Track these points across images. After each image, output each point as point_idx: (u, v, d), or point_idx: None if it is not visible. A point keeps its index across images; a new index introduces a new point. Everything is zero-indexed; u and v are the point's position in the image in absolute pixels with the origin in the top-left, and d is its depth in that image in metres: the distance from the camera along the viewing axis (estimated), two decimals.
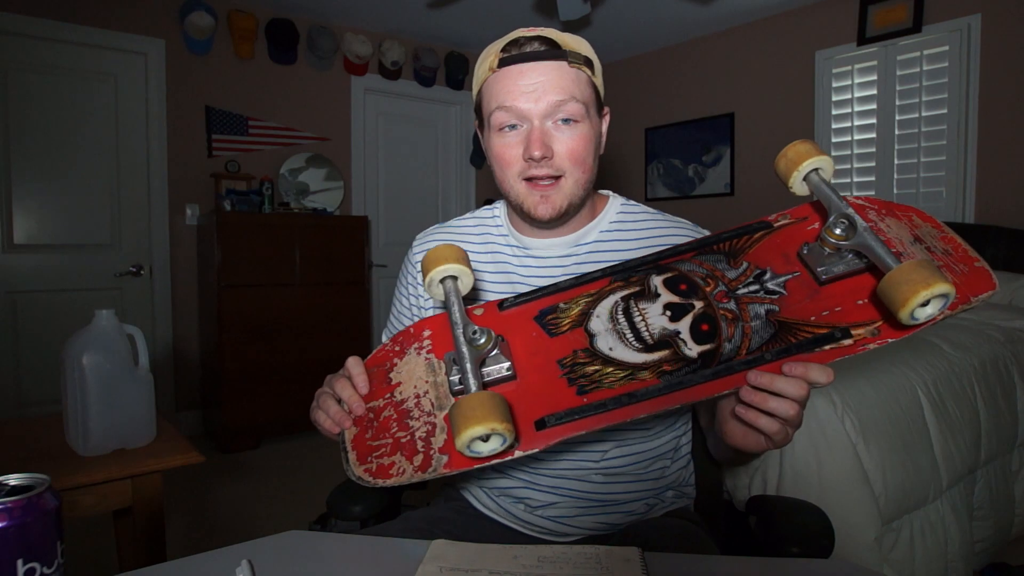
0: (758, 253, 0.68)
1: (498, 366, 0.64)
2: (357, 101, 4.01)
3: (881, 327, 0.59)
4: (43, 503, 0.46)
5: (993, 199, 2.96)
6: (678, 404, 0.60)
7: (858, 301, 0.61)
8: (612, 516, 0.86)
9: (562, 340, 0.67)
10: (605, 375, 0.63)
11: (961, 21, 3.02)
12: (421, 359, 0.69)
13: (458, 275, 0.66)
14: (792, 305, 0.63)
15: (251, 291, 3.22)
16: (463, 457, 0.59)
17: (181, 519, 2.37)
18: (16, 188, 3.02)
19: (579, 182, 0.82)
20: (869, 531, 1.45)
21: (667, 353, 0.63)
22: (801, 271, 0.65)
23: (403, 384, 0.68)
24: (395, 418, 0.65)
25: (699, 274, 0.68)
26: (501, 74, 0.80)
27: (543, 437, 0.60)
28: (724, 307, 0.65)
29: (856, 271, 0.62)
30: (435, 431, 0.63)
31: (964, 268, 0.62)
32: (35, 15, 3.01)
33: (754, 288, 0.65)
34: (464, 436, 0.53)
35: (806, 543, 0.82)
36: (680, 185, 4.24)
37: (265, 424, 3.26)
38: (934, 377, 1.77)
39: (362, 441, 0.65)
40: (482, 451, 0.56)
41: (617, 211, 0.92)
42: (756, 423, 0.63)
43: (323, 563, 0.64)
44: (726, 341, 0.62)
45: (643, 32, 4.05)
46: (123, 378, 1.17)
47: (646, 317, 0.66)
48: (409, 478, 0.60)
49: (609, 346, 0.65)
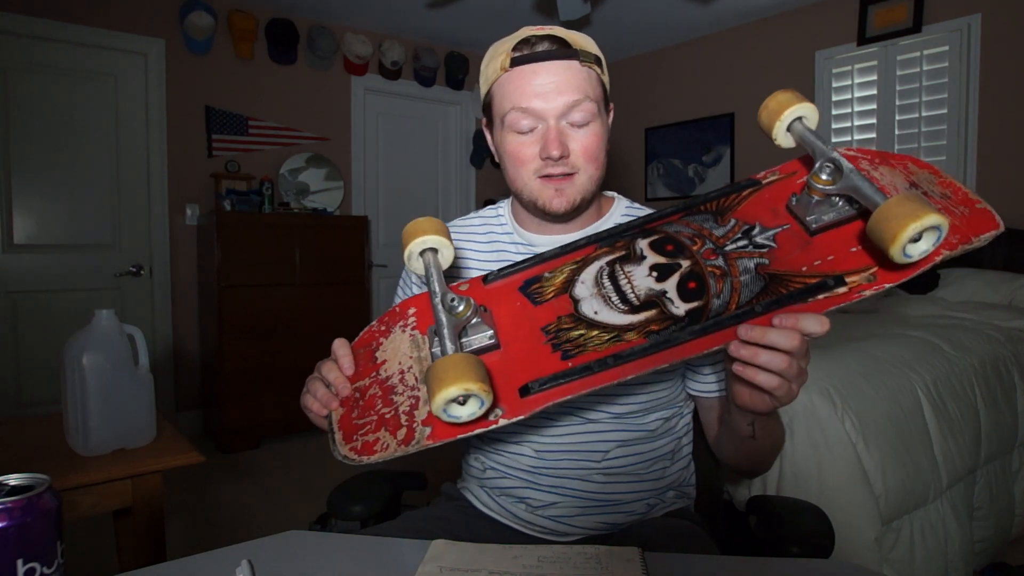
0: (746, 210, 0.67)
1: (480, 335, 0.63)
2: (357, 101, 4.01)
3: (877, 272, 0.57)
4: (43, 503, 0.46)
5: (993, 199, 2.94)
6: (667, 363, 0.58)
7: (851, 249, 0.59)
8: (613, 516, 0.86)
9: (546, 307, 0.66)
10: (590, 339, 0.61)
11: (961, 21, 3.02)
12: (406, 336, 0.69)
13: (437, 247, 0.65)
14: (783, 258, 0.61)
15: (251, 291, 3.22)
16: (445, 427, 0.57)
17: (181, 519, 2.37)
18: (16, 188, 3.02)
19: (592, 178, 0.83)
20: (869, 531, 1.45)
21: (654, 313, 0.61)
22: (791, 223, 0.63)
23: (388, 361, 0.67)
24: (380, 395, 0.64)
25: (686, 234, 0.67)
26: (513, 74, 0.80)
27: (528, 404, 0.58)
28: (712, 264, 0.63)
29: (847, 218, 0.60)
30: (419, 404, 0.61)
31: (964, 210, 0.59)
32: (35, 15, 3.01)
33: (742, 243, 0.64)
34: (438, 398, 0.51)
35: (806, 543, 0.82)
36: (680, 185, 4.24)
37: (265, 424, 3.26)
38: (934, 377, 1.77)
39: (348, 421, 0.64)
40: (460, 415, 0.54)
41: (622, 213, 0.93)
42: (753, 379, 0.60)
43: (323, 563, 0.64)
44: (714, 297, 0.60)
45: (643, 32, 4.05)
46: (123, 378, 1.17)
47: (631, 279, 0.64)
48: (392, 452, 0.59)
49: (594, 310, 0.63)
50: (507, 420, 0.57)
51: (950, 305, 2.41)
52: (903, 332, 2.05)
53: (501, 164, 0.87)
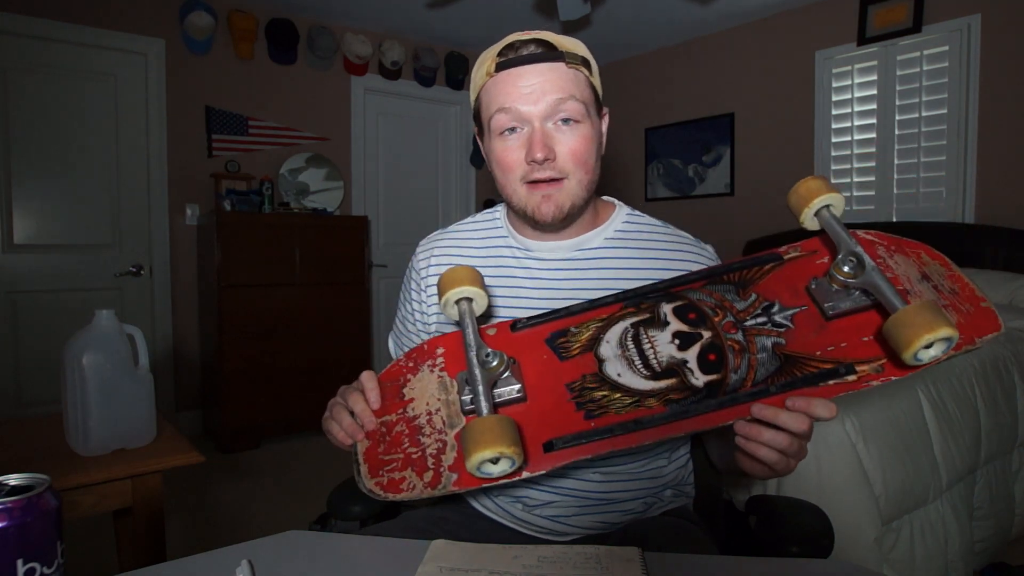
0: (767, 285, 0.70)
1: (509, 388, 0.66)
2: (357, 101, 4.01)
3: (885, 364, 0.60)
4: (43, 503, 0.46)
5: (993, 199, 2.96)
6: (682, 432, 0.62)
7: (863, 338, 0.62)
8: (610, 515, 0.87)
9: (572, 364, 0.68)
10: (613, 401, 0.64)
11: (961, 21, 3.02)
12: (434, 377, 0.71)
13: (473, 297, 0.68)
14: (799, 339, 0.65)
15: (251, 291, 3.22)
16: (472, 476, 0.60)
17: (181, 519, 2.37)
18: (16, 188, 3.02)
19: (582, 183, 0.81)
20: (869, 531, 1.45)
21: (674, 382, 0.64)
22: (808, 305, 0.67)
23: (416, 400, 0.69)
24: (407, 433, 0.67)
25: (708, 304, 0.70)
26: (499, 78, 0.80)
27: (551, 459, 0.62)
28: (731, 338, 0.66)
29: (862, 308, 0.63)
30: (446, 449, 0.64)
31: (970, 308, 0.64)
32: (35, 15, 3.01)
33: (762, 320, 0.67)
34: (475, 459, 0.55)
35: (806, 543, 0.82)
36: (680, 185, 4.24)
37: (265, 424, 3.26)
38: (934, 377, 1.77)
39: (374, 455, 0.67)
40: (492, 472, 0.57)
41: (623, 220, 0.92)
42: (756, 454, 0.64)
43: (323, 563, 0.64)
44: (732, 372, 0.64)
45: (643, 32, 4.05)
46: (123, 378, 1.17)
47: (655, 344, 0.68)
48: (419, 494, 0.62)
49: (618, 372, 0.66)
50: (529, 474, 0.61)
51: None
52: None
53: (492, 174, 0.86)
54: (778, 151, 3.72)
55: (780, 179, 3.72)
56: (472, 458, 0.55)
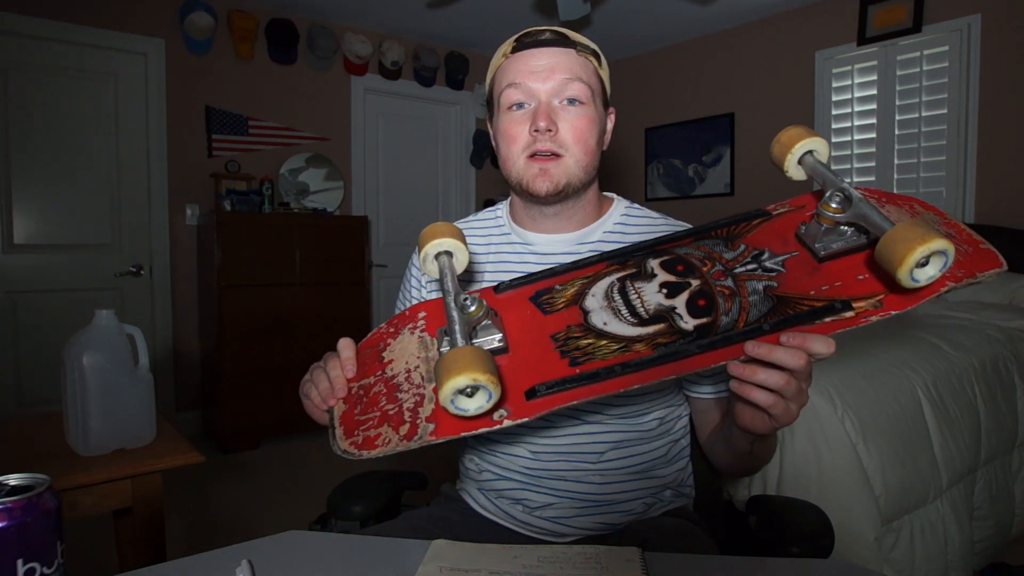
0: (756, 237, 0.68)
1: (489, 337, 0.64)
2: (357, 101, 4.01)
3: (883, 300, 0.58)
4: (43, 503, 0.46)
5: (993, 199, 2.96)
6: (673, 375, 0.58)
7: (859, 276, 0.60)
8: (610, 516, 0.86)
9: (556, 316, 0.66)
10: (599, 347, 0.62)
11: (961, 21, 3.02)
12: (414, 337, 0.69)
13: (453, 251, 0.66)
14: (791, 281, 0.62)
15: (251, 291, 3.22)
16: (450, 423, 0.57)
17: (181, 519, 2.37)
18: (16, 188, 3.02)
19: (580, 163, 0.83)
20: (869, 531, 1.45)
21: (663, 327, 0.62)
22: (799, 251, 0.65)
23: (395, 361, 0.68)
24: (384, 392, 0.65)
25: (696, 256, 0.68)
26: (513, 58, 0.85)
27: (534, 407, 0.58)
28: (721, 284, 0.64)
29: (855, 247, 0.61)
30: (423, 401, 0.61)
31: (968, 248, 0.61)
32: (35, 15, 3.01)
33: (752, 267, 0.65)
34: (446, 387, 0.52)
35: (806, 543, 0.82)
36: (680, 185, 4.24)
37: (265, 424, 3.26)
38: (934, 377, 1.77)
39: (351, 417, 0.64)
40: (467, 409, 0.54)
41: (622, 213, 0.93)
42: (750, 397, 0.61)
43: (323, 563, 0.64)
44: (723, 315, 0.61)
45: (643, 32, 4.05)
46: (123, 378, 1.17)
47: (641, 295, 0.65)
48: (394, 447, 0.59)
49: (604, 321, 0.64)
50: (512, 422, 0.58)
51: (950, 305, 2.41)
52: (903, 332, 2.05)
53: (497, 151, 0.88)
54: None
55: (780, 179, 3.70)
56: (444, 387, 0.51)
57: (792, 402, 0.62)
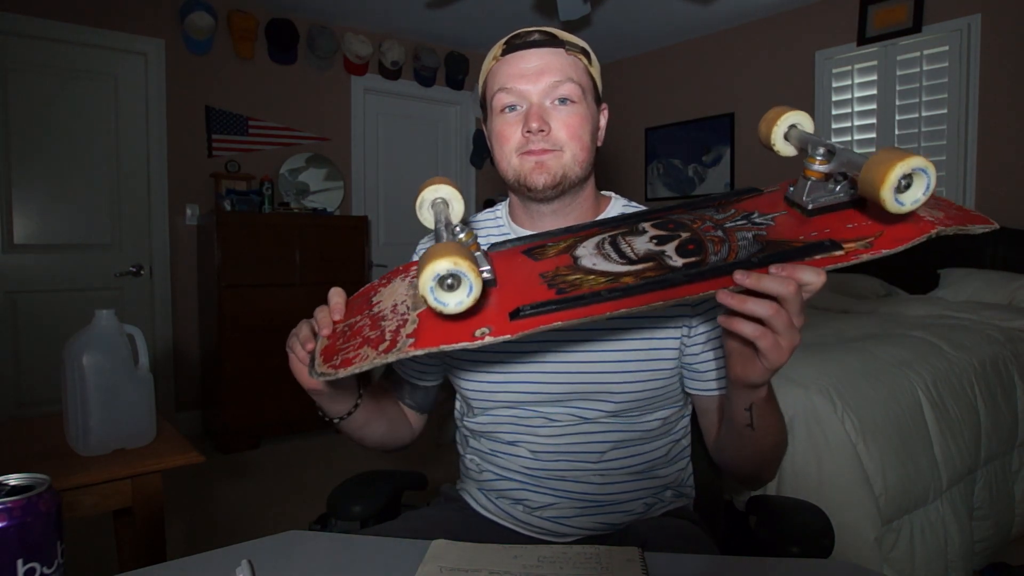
0: (745, 205, 0.70)
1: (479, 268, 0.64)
2: (357, 101, 4.01)
3: (874, 241, 0.58)
4: (43, 503, 0.46)
5: (993, 199, 2.96)
6: (661, 301, 0.57)
7: (848, 224, 0.61)
8: (611, 516, 0.87)
9: (546, 262, 0.68)
10: (587, 280, 0.62)
11: (961, 21, 3.02)
12: (405, 283, 0.70)
13: (449, 199, 0.67)
14: (780, 231, 0.63)
15: (251, 291, 3.22)
16: (430, 335, 0.57)
17: (181, 519, 2.37)
18: (16, 188, 3.02)
19: (576, 158, 0.84)
20: (869, 531, 1.45)
21: (651, 264, 0.62)
22: (789, 210, 0.66)
23: (383, 301, 0.68)
24: (368, 324, 0.65)
25: (687, 218, 0.70)
26: (503, 60, 0.85)
27: (517, 326, 0.57)
28: (711, 234, 0.65)
29: (843, 203, 0.62)
30: (406, 324, 0.61)
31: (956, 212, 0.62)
32: (35, 15, 3.01)
33: (742, 222, 0.66)
34: (427, 272, 0.52)
35: (806, 543, 0.82)
36: (680, 185, 4.23)
37: (265, 424, 3.26)
38: (934, 377, 1.77)
39: (332, 348, 0.65)
40: (447, 303, 0.53)
41: (619, 211, 0.93)
42: (739, 330, 0.59)
43: (323, 563, 0.64)
44: (712, 255, 0.62)
45: (643, 32, 4.05)
46: (123, 378, 1.17)
47: (632, 244, 0.67)
48: (372, 361, 0.58)
49: (593, 263, 0.65)
50: (493, 339, 0.56)
51: (950, 305, 2.41)
52: (903, 332, 2.05)
53: (491, 153, 0.89)
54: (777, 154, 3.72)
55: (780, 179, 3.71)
56: (424, 272, 0.51)
57: (782, 338, 0.59)
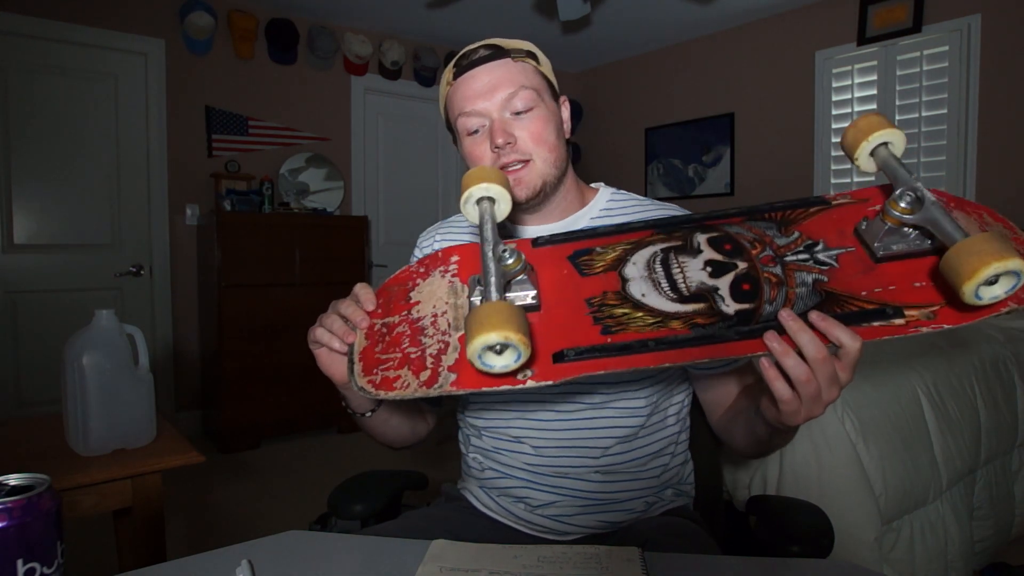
0: (811, 226, 0.64)
1: (523, 293, 0.62)
2: (357, 101, 4.01)
3: (938, 311, 0.55)
4: (43, 503, 0.46)
5: (993, 199, 2.96)
6: (706, 358, 0.56)
7: (915, 283, 0.57)
8: (612, 515, 0.87)
9: (593, 280, 0.64)
10: (634, 319, 0.59)
11: (961, 21, 3.02)
12: (445, 282, 0.67)
13: (497, 198, 0.63)
14: (843, 278, 0.59)
15: (251, 291, 3.22)
16: (472, 375, 0.56)
17: (181, 519, 2.37)
18: (16, 188, 3.02)
19: (548, 161, 0.86)
20: (869, 531, 1.45)
21: (702, 306, 0.59)
22: (856, 247, 0.61)
23: (422, 303, 0.66)
24: (408, 334, 0.63)
25: (746, 237, 0.65)
26: (456, 85, 0.87)
27: (561, 371, 0.56)
28: (769, 270, 0.61)
29: (917, 252, 0.58)
30: (447, 349, 0.60)
31: None
32: (35, 15, 3.01)
33: (803, 257, 0.62)
34: (476, 342, 0.50)
35: (806, 543, 0.82)
36: (680, 185, 4.24)
37: (265, 424, 3.26)
38: (934, 377, 1.77)
39: (371, 354, 0.63)
40: (494, 366, 0.52)
41: (607, 199, 0.96)
42: (772, 385, 0.59)
43: (323, 563, 0.64)
44: (767, 303, 0.58)
45: (643, 32, 4.05)
46: (123, 378, 1.17)
47: (684, 270, 0.63)
48: (413, 392, 0.57)
49: (642, 292, 0.62)
50: (535, 383, 0.56)
51: None
52: None
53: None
54: (778, 151, 3.72)
55: (780, 179, 3.72)
56: (475, 341, 0.50)
57: (805, 406, 0.60)
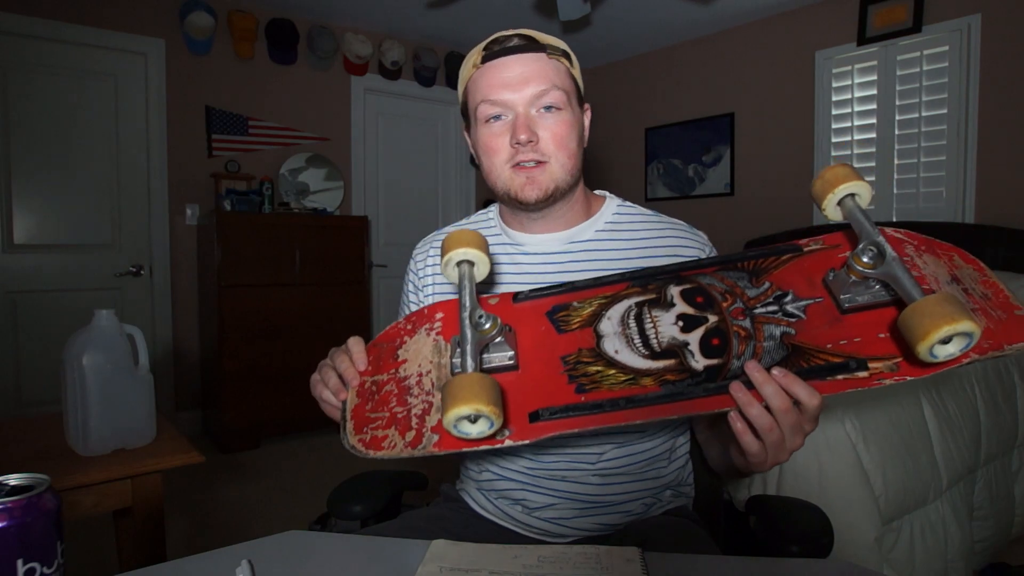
0: (783, 275, 0.67)
1: (501, 354, 0.65)
2: (357, 101, 4.01)
3: (900, 363, 0.57)
4: (43, 503, 0.46)
5: (993, 199, 2.96)
6: (676, 415, 0.59)
7: (880, 334, 0.59)
8: (610, 517, 0.87)
9: (569, 337, 0.67)
10: (607, 376, 0.63)
11: (961, 21, 3.02)
12: (430, 339, 0.70)
13: (475, 261, 0.67)
14: (810, 330, 0.62)
15: (251, 291, 3.22)
16: (453, 439, 0.59)
17: (181, 519, 2.37)
18: (16, 188, 3.02)
19: (564, 167, 0.83)
20: (869, 531, 1.45)
21: (672, 362, 0.62)
22: (824, 297, 0.64)
23: (409, 362, 0.69)
24: (395, 393, 0.66)
25: (718, 288, 0.68)
26: (484, 69, 0.83)
27: (536, 430, 0.60)
28: (738, 324, 0.64)
29: (881, 303, 0.60)
30: (431, 410, 0.63)
31: (1002, 315, 0.59)
32: (35, 15, 3.01)
33: (772, 309, 0.64)
34: (450, 414, 0.53)
35: (806, 543, 0.82)
36: (680, 185, 4.24)
37: (265, 424, 3.26)
38: (934, 377, 1.77)
39: (361, 412, 0.66)
40: (470, 432, 0.56)
41: (613, 212, 0.92)
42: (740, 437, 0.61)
43: (323, 563, 0.64)
44: (735, 358, 0.61)
45: (643, 32, 4.05)
46: (123, 378, 1.17)
47: (657, 325, 0.66)
48: (399, 453, 0.60)
49: (615, 348, 0.65)
50: (513, 442, 0.59)
51: None
52: None
53: (478, 162, 0.88)
54: (778, 151, 3.72)
55: (780, 179, 3.72)
56: (448, 414, 0.53)
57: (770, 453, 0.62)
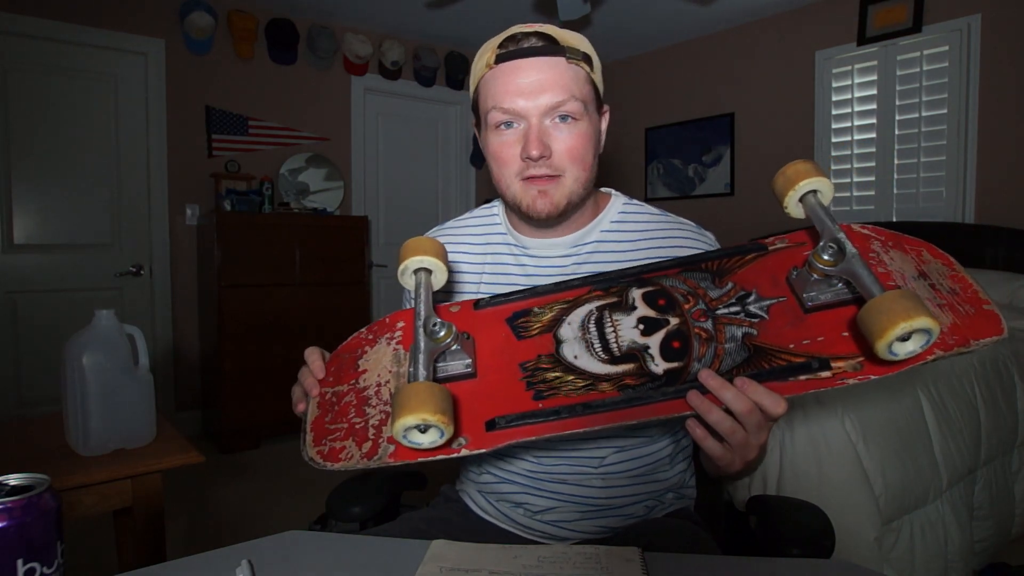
0: (746, 275, 0.66)
1: (458, 362, 0.64)
2: (357, 101, 4.01)
3: (864, 362, 0.56)
4: (43, 503, 0.46)
5: (993, 199, 2.96)
6: (635, 420, 0.58)
7: (842, 333, 0.58)
8: (612, 520, 0.86)
9: (528, 344, 0.66)
10: (565, 383, 0.62)
11: (961, 21, 3.02)
12: (390, 349, 0.69)
13: (432, 269, 0.66)
14: (772, 330, 0.61)
15: (251, 291, 3.22)
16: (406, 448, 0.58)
17: (181, 519, 2.37)
18: (16, 188, 3.02)
19: (579, 180, 0.80)
20: (869, 531, 1.45)
21: (632, 367, 0.61)
22: (788, 296, 0.63)
23: (368, 372, 0.68)
24: (354, 403, 0.65)
25: (680, 290, 0.66)
26: (498, 71, 0.79)
27: (492, 438, 0.58)
28: (700, 326, 0.63)
29: (844, 301, 0.59)
30: (387, 420, 0.62)
31: (970, 309, 0.58)
32: (35, 15, 3.01)
33: (735, 310, 0.63)
34: (398, 424, 0.53)
35: (806, 543, 0.82)
36: (680, 185, 4.23)
37: (265, 424, 3.26)
38: (934, 377, 1.77)
39: (321, 424, 0.65)
40: (420, 442, 0.55)
41: (619, 210, 0.90)
42: (701, 442, 0.60)
43: (323, 563, 0.64)
44: (695, 360, 0.60)
45: (643, 32, 4.05)
46: (123, 378, 1.17)
47: (617, 329, 0.65)
48: (355, 464, 0.60)
49: (574, 354, 0.64)
50: (470, 452, 0.58)
51: None
52: None
53: (489, 167, 0.85)
54: (778, 151, 3.72)
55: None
56: (396, 423, 0.52)
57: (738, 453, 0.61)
